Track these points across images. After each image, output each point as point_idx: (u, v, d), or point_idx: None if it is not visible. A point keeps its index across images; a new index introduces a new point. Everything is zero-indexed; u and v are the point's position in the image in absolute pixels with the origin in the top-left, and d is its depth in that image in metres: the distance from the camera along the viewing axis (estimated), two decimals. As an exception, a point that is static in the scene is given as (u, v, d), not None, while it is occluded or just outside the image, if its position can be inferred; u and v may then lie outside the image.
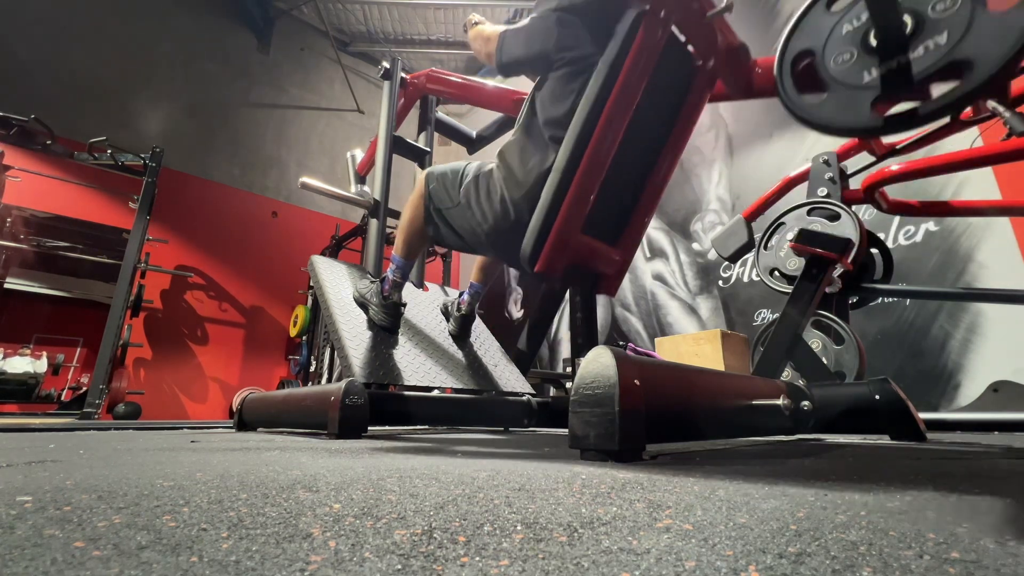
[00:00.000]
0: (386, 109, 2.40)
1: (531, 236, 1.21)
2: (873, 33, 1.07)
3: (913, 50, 1.02)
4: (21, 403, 4.09)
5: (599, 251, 1.35)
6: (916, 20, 1.02)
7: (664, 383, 0.84)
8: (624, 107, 1.20)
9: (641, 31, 1.19)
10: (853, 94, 1.09)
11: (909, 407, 1.26)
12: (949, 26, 0.98)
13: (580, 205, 1.19)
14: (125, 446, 1.04)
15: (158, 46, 5.96)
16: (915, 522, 0.37)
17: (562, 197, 1.19)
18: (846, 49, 1.11)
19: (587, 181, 1.19)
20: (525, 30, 1.35)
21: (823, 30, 1.16)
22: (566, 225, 1.19)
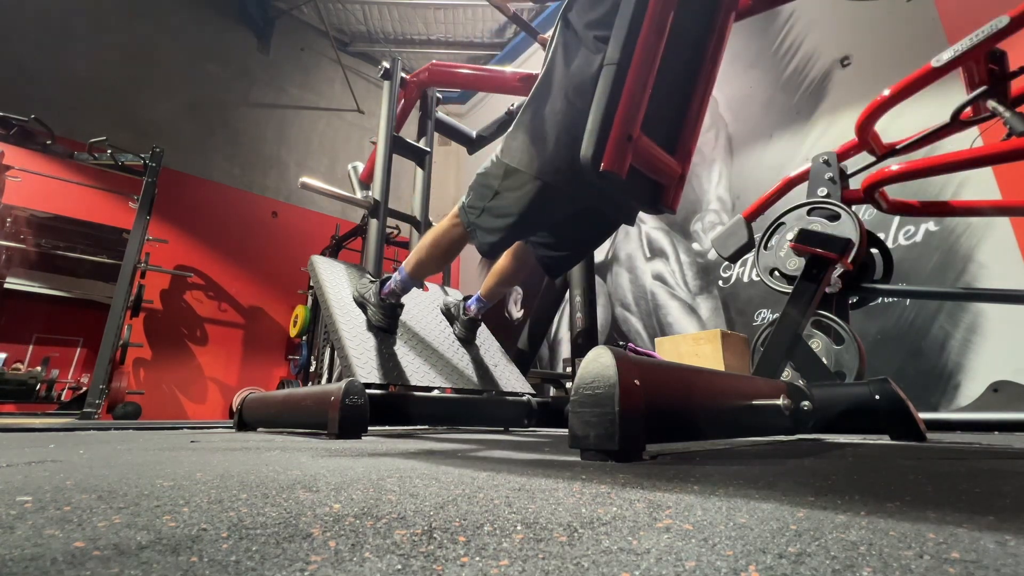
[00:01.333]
0: (386, 109, 2.40)
1: (590, 137, 1.15)
2: None
3: None
4: (21, 403, 4.09)
5: (659, 157, 1.30)
6: None
7: (664, 383, 0.84)
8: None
9: None
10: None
11: (909, 407, 1.26)
12: None
13: (638, 96, 1.14)
14: (125, 446, 1.04)
15: (158, 46, 5.96)
16: (915, 522, 0.37)
17: (619, 91, 1.14)
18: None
19: (642, 72, 1.14)
20: None
21: None
22: (627, 117, 1.14)
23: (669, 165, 1.36)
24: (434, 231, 1.58)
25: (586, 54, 1.23)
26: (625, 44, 1.15)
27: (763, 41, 4.05)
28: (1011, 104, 1.67)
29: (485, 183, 1.42)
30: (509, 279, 1.81)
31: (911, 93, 1.83)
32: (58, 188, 4.63)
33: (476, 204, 1.44)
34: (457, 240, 1.54)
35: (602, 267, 4.90)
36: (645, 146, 1.23)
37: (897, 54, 3.23)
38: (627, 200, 1.43)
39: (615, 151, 1.14)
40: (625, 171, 1.18)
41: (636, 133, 1.17)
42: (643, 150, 1.22)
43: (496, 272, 1.82)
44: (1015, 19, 1.50)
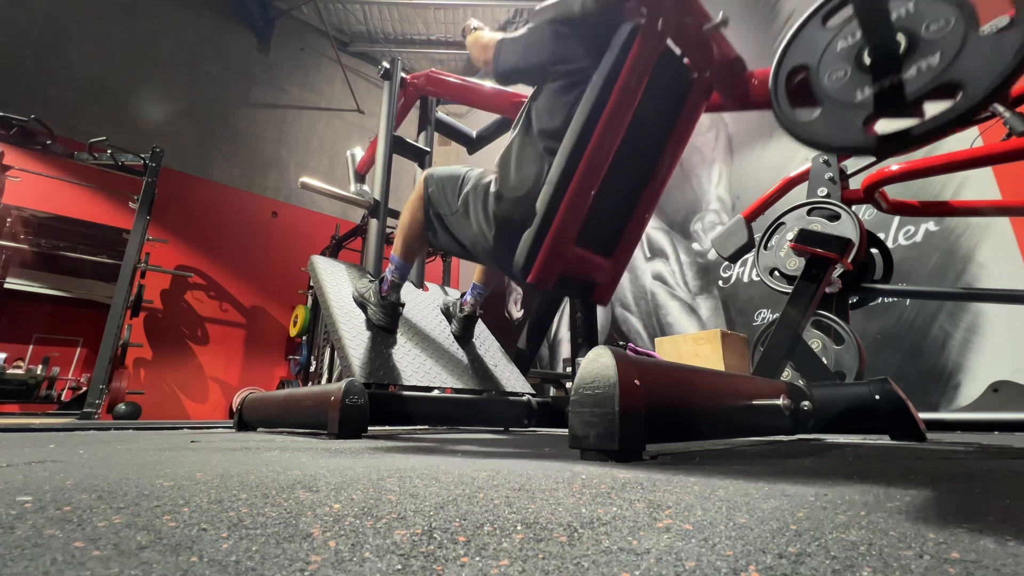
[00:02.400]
0: (386, 109, 2.40)
1: (524, 247, 1.22)
2: (867, 51, 1.08)
3: (906, 70, 1.03)
4: (21, 403, 4.09)
5: (592, 262, 1.35)
6: (910, 40, 1.03)
7: (664, 383, 0.84)
8: (618, 120, 1.20)
9: (636, 45, 1.18)
10: (846, 112, 1.10)
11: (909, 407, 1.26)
12: (942, 47, 0.99)
13: (573, 218, 1.20)
14: (125, 446, 1.04)
15: (158, 46, 5.97)
16: (915, 522, 0.37)
17: (556, 209, 1.19)
18: (840, 66, 1.12)
19: (581, 194, 1.19)
20: (522, 40, 1.35)
21: (818, 46, 1.17)
22: (559, 237, 1.20)
23: (602, 267, 1.40)
24: (408, 207, 1.60)
25: (537, 159, 1.27)
26: (567, 166, 1.18)
27: (763, 41, 4.05)
28: (1011, 104, 1.67)
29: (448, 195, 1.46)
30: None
31: (911, 93, 1.83)
32: (58, 188, 4.63)
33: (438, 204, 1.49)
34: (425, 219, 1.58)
35: (602, 267, 4.89)
36: (577, 256, 1.28)
37: (897, 54, 3.22)
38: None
39: (543, 268, 1.21)
40: (551, 284, 1.25)
41: (567, 250, 1.23)
42: (574, 260, 1.28)
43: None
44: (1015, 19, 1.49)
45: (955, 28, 0.98)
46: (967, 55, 0.96)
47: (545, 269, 1.21)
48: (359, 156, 2.83)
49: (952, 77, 0.97)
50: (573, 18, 1.29)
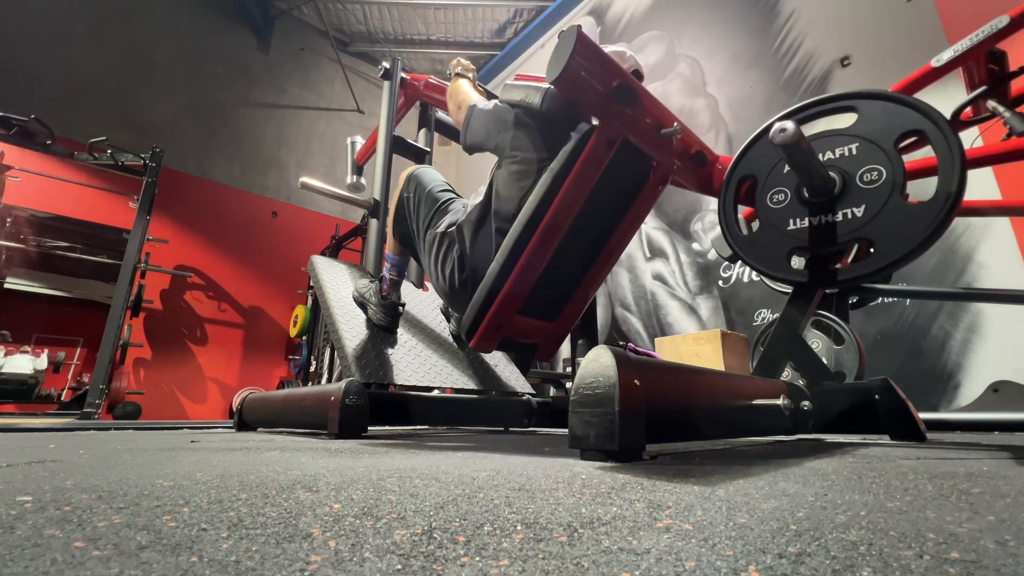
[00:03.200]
0: (386, 109, 2.40)
1: (470, 313, 1.26)
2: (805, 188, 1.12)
3: (837, 213, 1.07)
4: (21, 403, 4.09)
5: (535, 328, 1.38)
6: (844, 183, 1.06)
7: (664, 383, 0.84)
8: (569, 209, 1.23)
9: (591, 144, 1.20)
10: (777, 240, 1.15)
11: (909, 407, 1.26)
12: (868, 200, 1.02)
13: (517, 294, 1.24)
14: (125, 446, 1.04)
15: (158, 46, 5.96)
16: (915, 522, 0.37)
17: (500, 286, 1.22)
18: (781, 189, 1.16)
19: (526, 273, 1.23)
20: (489, 115, 1.38)
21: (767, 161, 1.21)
22: (501, 311, 1.24)
23: (545, 331, 1.42)
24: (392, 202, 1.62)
25: (489, 237, 1.31)
26: (513, 251, 1.22)
27: (763, 41, 4.05)
28: (1011, 104, 1.66)
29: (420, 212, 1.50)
30: None
31: (911, 93, 1.83)
32: (58, 188, 4.63)
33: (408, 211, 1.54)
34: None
35: (602, 267, 4.89)
36: (520, 323, 1.31)
37: (897, 54, 3.23)
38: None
39: (483, 336, 1.26)
40: (492, 349, 1.31)
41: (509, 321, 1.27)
42: (517, 326, 1.31)
43: None
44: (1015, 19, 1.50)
45: (883, 186, 1.00)
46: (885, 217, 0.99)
47: (485, 338, 1.26)
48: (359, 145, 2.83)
49: (868, 235, 1.01)
50: (534, 112, 1.31)
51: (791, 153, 1.02)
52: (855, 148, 1.07)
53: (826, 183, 1.05)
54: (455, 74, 1.61)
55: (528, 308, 1.30)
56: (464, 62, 1.64)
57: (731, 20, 4.31)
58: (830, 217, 1.05)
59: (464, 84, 1.56)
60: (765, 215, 1.16)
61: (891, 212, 0.97)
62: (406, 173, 1.60)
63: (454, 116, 1.52)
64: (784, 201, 1.13)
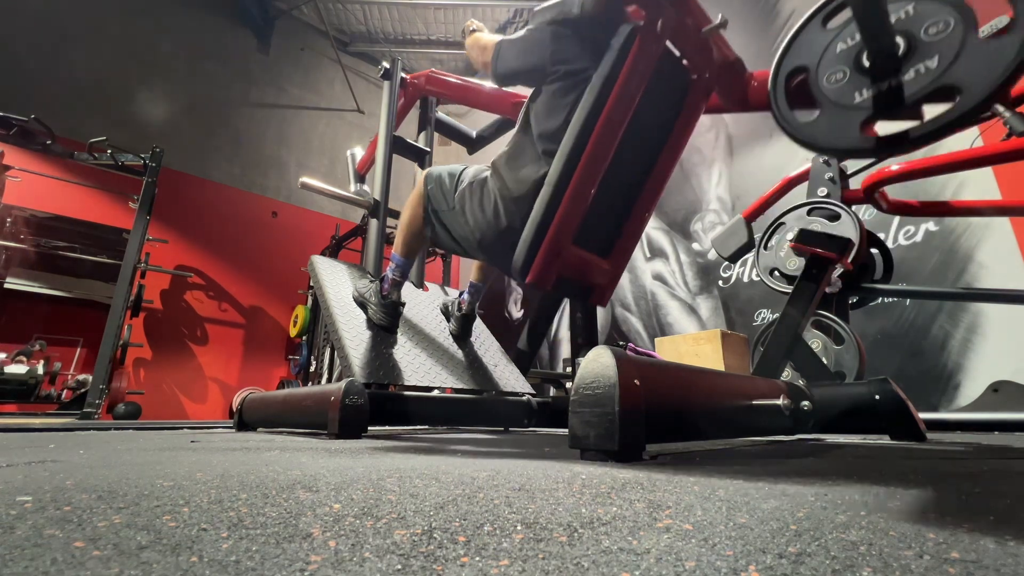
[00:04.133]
0: (386, 109, 2.40)
1: (523, 247, 1.22)
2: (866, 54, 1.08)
3: (905, 73, 1.03)
4: (21, 403, 4.09)
5: (590, 263, 1.35)
6: (908, 43, 1.03)
7: (664, 383, 0.84)
8: (617, 122, 1.20)
9: (635, 46, 1.18)
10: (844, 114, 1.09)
11: (909, 407, 1.26)
12: (940, 50, 0.99)
13: (572, 218, 1.20)
14: (125, 446, 1.04)
15: (158, 46, 5.96)
16: (915, 522, 0.37)
17: (554, 210, 1.19)
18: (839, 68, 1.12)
19: (579, 194, 1.19)
20: (521, 41, 1.35)
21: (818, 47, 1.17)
22: (557, 237, 1.20)
23: (600, 268, 1.40)
24: (408, 205, 1.60)
25: (536, 160, 1.27)
26: (565, 167, 1.19)
27: (763, 41, 4.05)
28: (1011, 104, 1.66)
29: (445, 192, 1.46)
30: None
31: (911, 93, 1.83)
32: (58, 188, 4.63)
33: (436, 201, 1.49)
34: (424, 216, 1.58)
35: (602, 267, 4.89)
36: (575, 256, 1.28)
37: (897, 54, 3.22)
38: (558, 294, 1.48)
39: (541, 267, 1.21)
40: (550, 285, 1.25)
41: (566, 250, 1.23)
42: (573, 260, 1.28)
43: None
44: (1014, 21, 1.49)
45: (954, 32, 0.97)
46: (965, 59, 0.95)
47: (544, 269, 1.21)
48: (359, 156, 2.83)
49: (950, 81, 0.97)
50: (572, 19, 1.29)
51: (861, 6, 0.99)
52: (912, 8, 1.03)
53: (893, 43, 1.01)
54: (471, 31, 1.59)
55: (582, 238, 1.26)
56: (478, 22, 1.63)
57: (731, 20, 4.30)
58: (901, 77, 1.02)
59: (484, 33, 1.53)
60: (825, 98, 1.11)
61: (971, 52, 0.95)
62: (422, 174, 1.59)
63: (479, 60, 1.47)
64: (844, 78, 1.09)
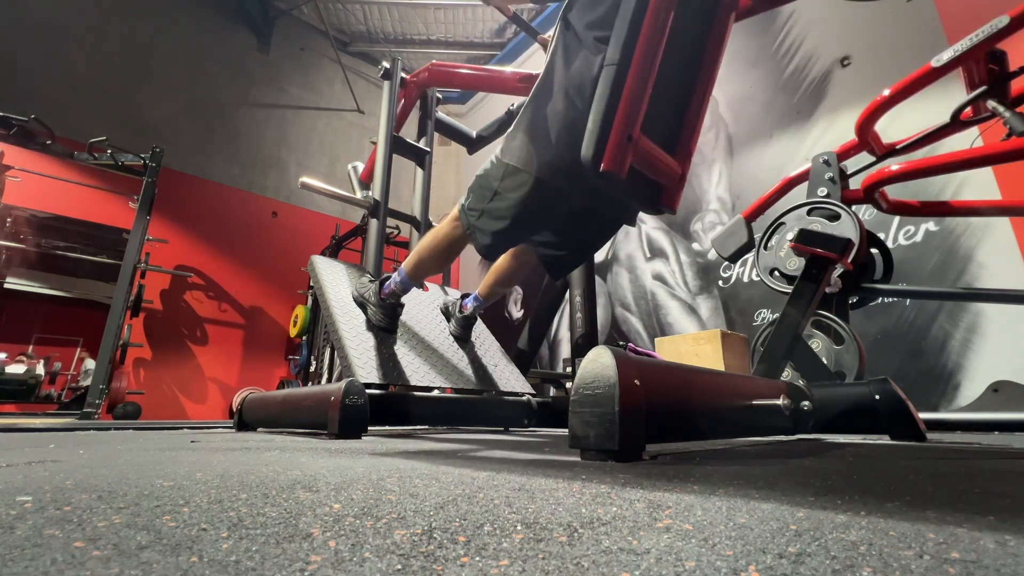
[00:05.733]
0: (386, 109, 2.40)
1: (591, 138, 1.16)
2: None
3: None
4: (21, 403, 4.09)
5: (659, 157, 1.30)
6: None
7: (664, 383, 0.84)
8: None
9: None
10: None
11: (909, 407, 1.26)
12: None
13: (638, 97, 1.15)
14: (125, 446, 1.04)
15: (158, 46, 5.97)
16: (915, 522, 0.37)
17: (619, 92, 1.14)
18: None
19: (643, 71, 1.15)
20: None
21: None
22: (627, 118, 1.14)
23: (669, 165, 1.36)
24: (434, 232, 1.57)
25: (586, 55, 1.24)
26: (625, 44, 1.15)
27: (763, 41, 4.05)
28: (1011, 104, 1.67)
29: (485, 184, 1.41)
30: (508, 279, 1.80)
31: (911, 93, 1.83)
32: (58, 188, 4.63)
33: (476, 206, 1.43)
34: (457, 241, 1.53)
35: (602, 267, 4.90)
36: (645, 146, 1.23)
37: (897, 54, 3.23)
38: (627, 200, 1.43)
39: (615, 152, 1.15)
40: (625, 171, 1.18)
41: (636, 133, 1.17)
42: (643, 150, 1.22)
43: (495, 271, 1.82)
44: (1015, 19, 1.50)
45: None
46: None
47: (617, 154, 1.15)
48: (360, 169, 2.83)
49: None
50: None
51: None
52: None
53: None
54: None
55: (648, 128, 1.22)
56: None
57: (731, 20, 4.31)
58: None
59: None
60: None
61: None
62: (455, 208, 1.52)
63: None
64: None
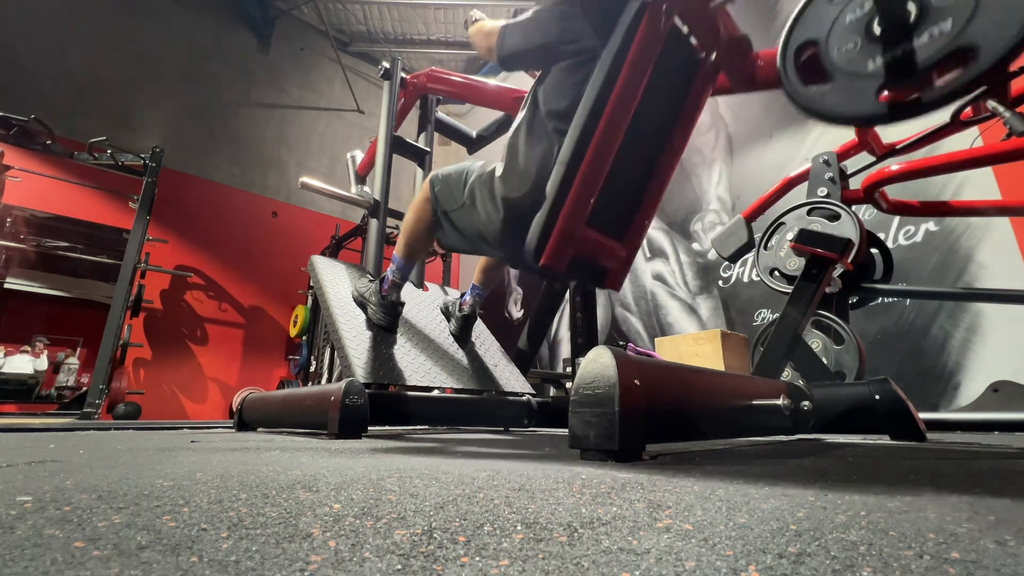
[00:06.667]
0: (386, 109, 2.40)
1: (536, 229, 1.20)
2: (877, 21, 1.06)
3: (918, 38, 1.01)
4: (21, 403, 4.09)
5: (604, 245, 1.33)
6: (920, 7, 1.01)
7: (664, 383, 0.84)
8: (628, 99, 1.19)
9: (644, 22, 1.18)
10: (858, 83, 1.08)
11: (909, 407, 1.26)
12: (954, 13, 0.97)
13: (585, 197, 1.18)
14: (125, 446, 1.04)
15: (158, 46, 5.97)
16: (915, 522, 0.37)
17: (567, 189, 1.17)
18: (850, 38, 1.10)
19: (592, 173, 1.18)
20: (526, 23, 1.34)
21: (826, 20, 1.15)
22: (571, 217, 1.18)
23: (614, 251, 1.39)
24: (413, 209, 1.60)
25: (546, 141, 1.26)
26: (578, 145, 1.17)
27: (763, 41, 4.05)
28: (1011, 104, 1.66)
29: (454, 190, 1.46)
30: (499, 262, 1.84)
31: (911, 93, 1.83)
32: (58, 188, 4.63)
33: (445, 201, 1.48)
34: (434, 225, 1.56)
35: (602, 267, 4.89)
36: (589, 238, 1.27)
37: (897, 54, 3.22)
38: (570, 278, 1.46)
39: (554, 251, 1.19)
40: (564, 267, 1.23)
41: (579, 232, 1.21)
42: (586, 242, 1.26)
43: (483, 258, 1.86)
44: (1015, 19, 1.49)
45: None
46: (979, 19, 0.93)
47: (557, 251, 1.19)
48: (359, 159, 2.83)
49: (966, 42, 0.94)
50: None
51: None
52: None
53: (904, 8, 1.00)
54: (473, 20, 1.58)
55: (595, 220, 1.24)
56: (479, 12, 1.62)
57: (731, 20, 4.31)
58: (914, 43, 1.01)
59: (487, 21, 1.52)
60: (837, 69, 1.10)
61: (985, 10, 0.93)
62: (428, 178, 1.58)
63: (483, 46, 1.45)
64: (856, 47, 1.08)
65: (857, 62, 1.08)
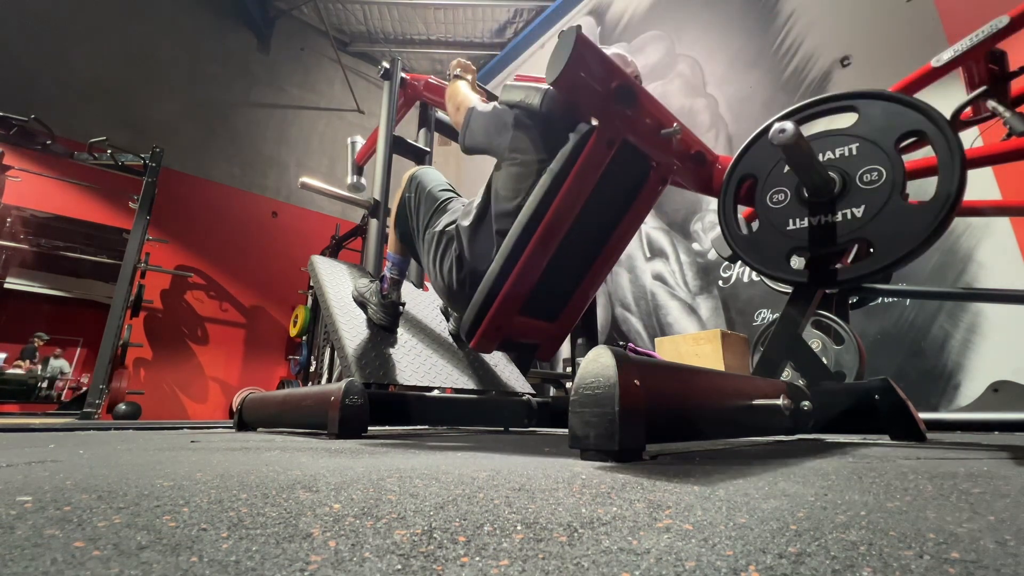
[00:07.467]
0: (386, 109, 2.40)
1: (470, 313, 1.26)
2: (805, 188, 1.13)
3: (837, 213, 1.08)
4: (21, 403, 4.09)
5: (535, 328, 1.38)
6: (844, 182, 1.07)
7: (664, 383, 0.84)
8: (567, 212, 1.23)
9: (590, 144, 1.20)
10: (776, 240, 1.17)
11: (909, 407, 1.26)
12: (867, 201, 1.03)
13: (517, 296, 1.24)
14: (125, 446, 1.04)
15: (158, 46, 5.97)
16: (915, 522, 0.37)
17: (500, 287, 1.22)
18: (781, 189, 1.17)
19: (526, 274, 1.22)
20: (488, 116, 1.38)
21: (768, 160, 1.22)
22: (501, 312, 1.23)
23: (546, 332, 1.42)
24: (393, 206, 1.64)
25: (491, 238, 1.30)
26: (512, 252, 1.22)
27: (763, 41, 4.05)
28: (1011, 104, 1.66)
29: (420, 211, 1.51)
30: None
31: (911, 93, 1.83)
32: (58, 188, 4.64)
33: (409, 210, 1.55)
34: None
35: (602, 267, 4.89)
36: (520, 323, 1.32)
37: (897, 54, 3.23)
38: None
39: (483, 337, 1.26)
40: (492, 350, 1.31)
41: (510, 321, 1.27)
42: (517, 327, 1.31)
43: None
44: (1015, 19, 1.50)
45: (883, 185, 1.01)
46: (883, 218, 0.99)
47: (485, 338, 1.26)
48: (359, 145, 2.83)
49: (867, 235, 1.02)
50: (534, 113, 1.30)
51: (790, 153, 1.03)
52: (855, 148, 1.07)
53: (826, 183, 1.05)
54: (454, 76, 1.62)
55: (528, 308, 1.29)
56: (464, 62, 1.64)
57: (731, 20, 4.31)
58: (830, 217, 1.06)
59: (463, 86, 1.56)
60: (765, 215, 1.16)
61: (891, 212, 0.97)
62: (408, 173, 1.61)
63: (453, 118, 1.52)
64: (784, 201, 1.14)
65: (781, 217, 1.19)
